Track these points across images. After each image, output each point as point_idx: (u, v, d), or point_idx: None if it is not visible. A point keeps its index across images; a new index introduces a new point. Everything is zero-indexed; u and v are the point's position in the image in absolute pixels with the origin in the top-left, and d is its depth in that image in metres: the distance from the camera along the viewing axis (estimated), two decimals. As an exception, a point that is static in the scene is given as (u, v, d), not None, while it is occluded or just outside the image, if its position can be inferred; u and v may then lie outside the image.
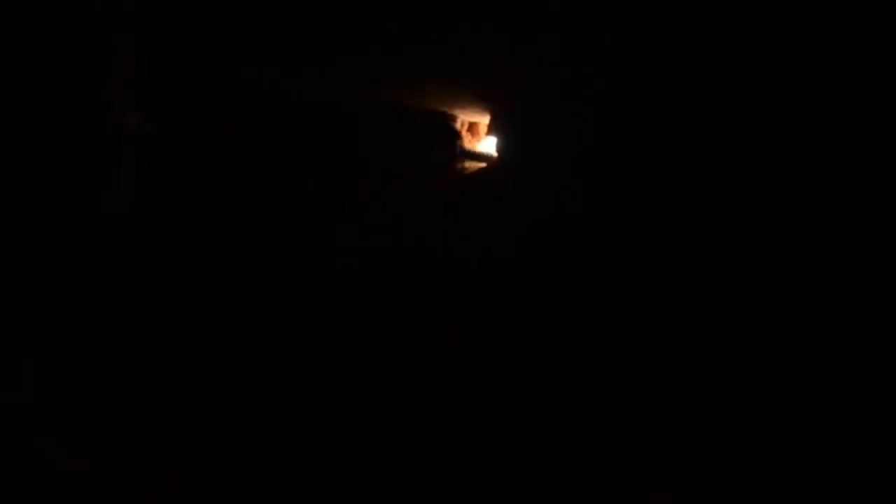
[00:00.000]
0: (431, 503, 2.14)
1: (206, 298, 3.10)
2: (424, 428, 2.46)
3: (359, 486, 2.17)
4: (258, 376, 2.71)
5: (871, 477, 1.76)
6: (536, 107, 3.49)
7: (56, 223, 2.60)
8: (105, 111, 2.73)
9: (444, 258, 3.73)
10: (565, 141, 3.18)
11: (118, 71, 2.82)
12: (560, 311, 2.83)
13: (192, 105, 3.59)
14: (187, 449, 2.27)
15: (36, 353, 2.45)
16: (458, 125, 4.61)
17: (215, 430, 2.38)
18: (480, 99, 3.97)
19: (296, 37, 2.98)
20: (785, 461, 1.88)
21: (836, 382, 1.84)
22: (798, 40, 1.90)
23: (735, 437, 1.99)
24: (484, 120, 4.58)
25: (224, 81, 3.65)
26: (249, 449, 2.30)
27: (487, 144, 4.56)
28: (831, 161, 1.94)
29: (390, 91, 3.89)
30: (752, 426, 1.97)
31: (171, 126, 3.48)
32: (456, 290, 3.50)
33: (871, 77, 1.83)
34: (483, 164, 4.44)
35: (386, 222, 3.99)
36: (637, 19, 2.22)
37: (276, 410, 2.51)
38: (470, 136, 4.71)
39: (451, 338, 3.16)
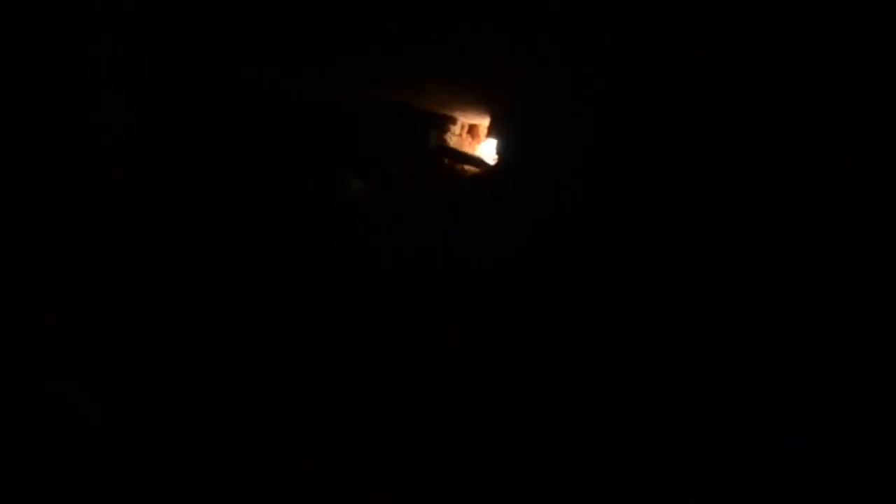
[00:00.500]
0: (431, 503, 2.14)
1: (205, 298, 3.09)
2: (424, 427, 2.46)
3: (358, 486, 2.16)
4: (258, 376, 2.70)
5: (871, 477, 1.76)
6: (536, 107, 3.48)
7: (55, 220, 2.60)
8: (89, 105, 2.72)
9: (443, 258, 3.73)
10: (565, 141, 3.18)
11: (103, 67, 2.81)
12: (560, 310, 2.83)
13: (194, 105, 3.59)
14: (187, 448, 2.27)
15: (34, 353, 2.44)
16: (458, 127, 4.62)
17: (215, 429, 2.38)
18: (481, 101, 3.97)
19: (296, 37, 2.98)
20: (785, 461, 1.87)
21: (836, 382, 1.84)
22: (798, 40, 1.90)
23: (735, 437, 1.99)
24: (484, 122, 4.58)
25: (225, 81, 3.65)
26: (249, 448, 2.29)
27: (487, 146, 4.57)
28: (831, 161, 1.93)
29: (391, 92, 3.89)
30: (752, 426, 1.96)
31: (171, 126, 3.48)
32: (456, 291, 3.50)
33: (871, 77, 1.83)
34: (483, 166, 4.44)
35: (385, 223, 3.99)
36: (636, 20, 2.22)
37: (277, 410, 2.50)
38: (470, 139, 4.71)
39: (451, 338, 3.16)
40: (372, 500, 2.14)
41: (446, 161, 4.41)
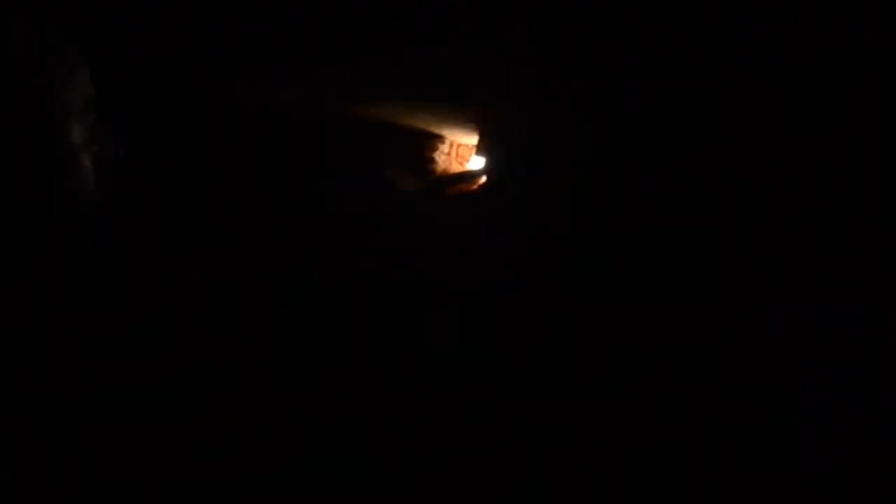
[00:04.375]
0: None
1: (201, 304, 3.04)
2: (421, 433, 2.39)
3: (357, 487, 2.11)
4: (257, 379, 2.65)
5: (871, 477, 1.70)
6: (526, 124, 3.47)
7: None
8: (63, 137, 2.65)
9: (432, 280, 3.66)
10: (556, 157, 3.15)
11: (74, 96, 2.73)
12: (555, 329, 2.77)
13: (186, 120, 3.56)
14: (188, 449, 2.20)
15: (35, 355, 2.34)
16: (446, 146, 4.60)
17: (215, 430, 2.31)
18: (469, 119, 3.96)
19: (274, 51, 2.94)
20: (786, 461, 1.81)
21: (837, 382, 1.80)
22: (798, 40, 1.88)
23: (736, 437, 1.93)
24: (472, 141, 4.57)
25: (207, 97, 3.61)
26: (249, 449, 2.23)
27: (476, 165, 4.54)
28: (831, 162, 1.91)
29: (378, 109, 3.87)
30: (752, 426, 1.91)
31: (165, 139, 3.45)
32: (447, 313, 3.43)
33: (871, 77, 1.81)
34: (472, 185, 4.42)
35: (372, 244, 3.93)
36: (633, 25, 2.19)
37: (275, 412, 2.45)
38: (458, 157, 4.69)
39: (441, 359, 3.08)
40: (371, 500, 2.08)
41: (436, 179, 4.38)
